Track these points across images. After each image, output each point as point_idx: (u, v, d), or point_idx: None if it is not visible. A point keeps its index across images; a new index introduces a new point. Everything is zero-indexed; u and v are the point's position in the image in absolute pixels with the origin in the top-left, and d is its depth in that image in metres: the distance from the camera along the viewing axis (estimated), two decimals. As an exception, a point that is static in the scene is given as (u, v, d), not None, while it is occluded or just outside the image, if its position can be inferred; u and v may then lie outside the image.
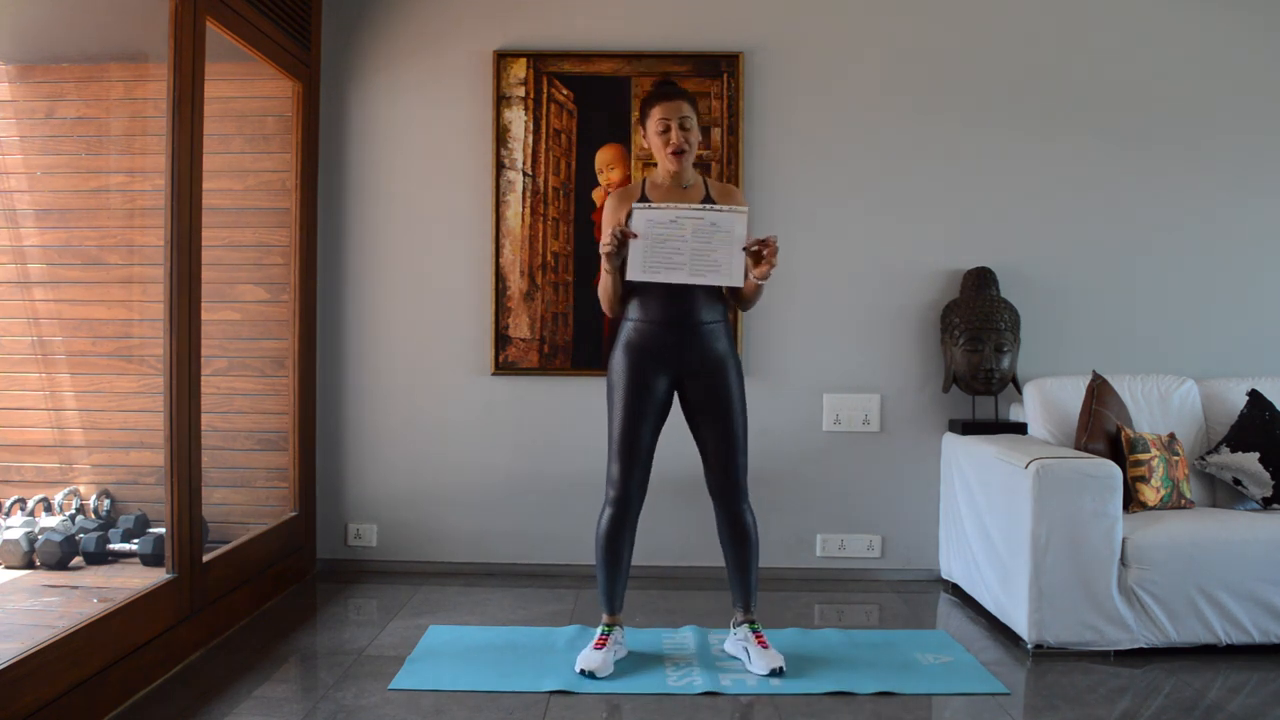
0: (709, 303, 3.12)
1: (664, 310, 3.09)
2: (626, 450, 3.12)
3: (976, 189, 4.26)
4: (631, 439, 3.11)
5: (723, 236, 2.96)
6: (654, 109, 3.10)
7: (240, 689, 3.00)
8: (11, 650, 2.48)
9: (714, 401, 3.13)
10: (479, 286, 4.28)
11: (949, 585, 4.17)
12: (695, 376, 3.13)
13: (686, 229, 2.96)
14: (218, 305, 3.98)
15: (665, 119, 3.07)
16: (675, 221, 2.96)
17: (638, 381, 3.10)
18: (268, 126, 4.17)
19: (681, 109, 3.08)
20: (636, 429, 3.11)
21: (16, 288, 3.93)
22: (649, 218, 2.97)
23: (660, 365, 3.11)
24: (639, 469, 3.14)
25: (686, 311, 3.09)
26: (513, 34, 4.27)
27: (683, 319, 3.09)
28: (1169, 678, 3.18)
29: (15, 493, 3.87)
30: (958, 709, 2.96)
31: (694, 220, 2.96)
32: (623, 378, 3.12)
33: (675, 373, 3.13)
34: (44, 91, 3.94)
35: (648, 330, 3.10)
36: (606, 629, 3.21)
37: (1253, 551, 3.35)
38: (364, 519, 4.32)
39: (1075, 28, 4.26)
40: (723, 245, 2.96)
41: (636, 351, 3.11)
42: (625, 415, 3.11)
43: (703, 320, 3.11)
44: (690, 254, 2.96)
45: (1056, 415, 3.89)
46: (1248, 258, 4.28)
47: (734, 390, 3.15)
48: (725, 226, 2.97)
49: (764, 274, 3.03)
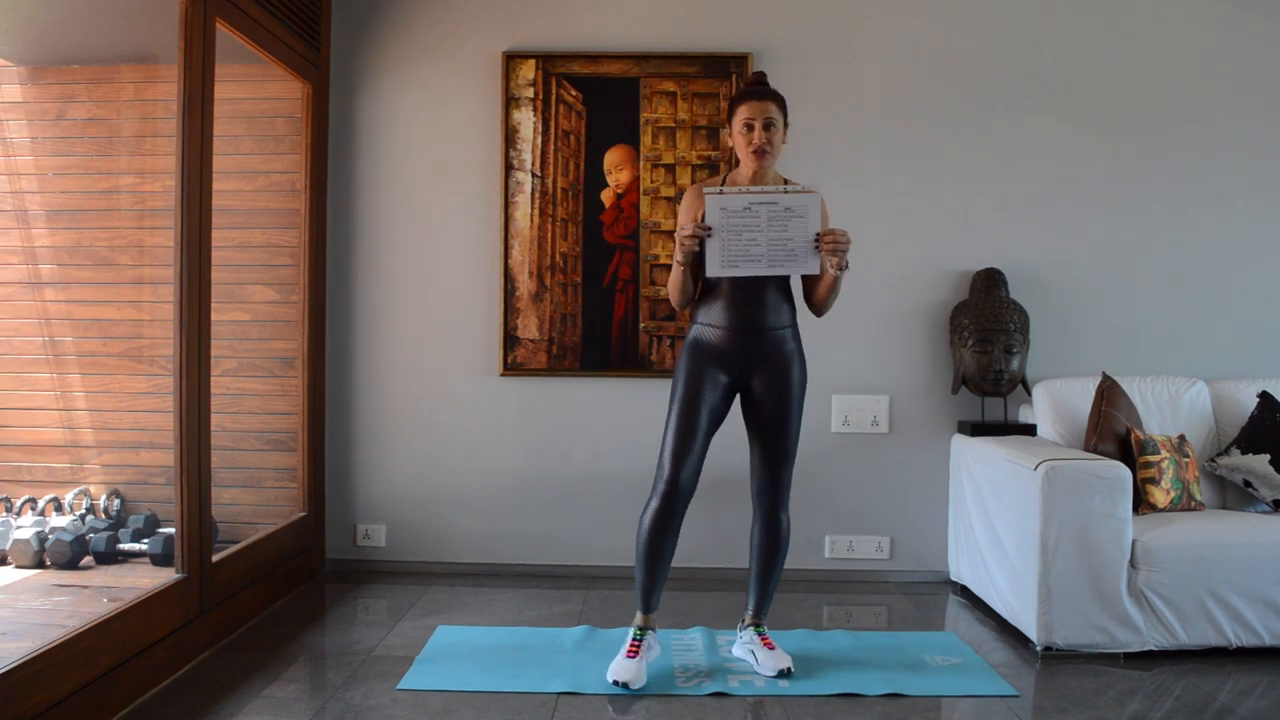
0: (778, 307, 3.10)
1: (733, 316, 3.06)
2: (681, 439, 3.05)
3: (985, 190, 4.25)
4: (688, 429, 3.05)
5: (798, 223, 2.91)
6: (740, 106, 3.04)
7: (249, 689, 3.01)
8: (22, 649, 2.49)
9: (774, 401, 3.10)
10: (488, 287, 4.29)
11: (958, 587, 4.16)
12: (760, 374, 3.10)
13: (761, 216, 2.90)
14: (227, 306, 3.99)
15: (750, 118, 3.01)
16: (750, 209, 2.90)
17: (699, 376, 3.07)
18: (277, 127, 4.18)
19: (768, 109, 3.02)
20: (694, 420, 3.06)
21: (28, 288, 3.95)
22: (722, 205, 2.91)
23: (725, 365, 3.08)
24: (693, 459, 3.07)
25: (756, 316, 3.07)
26: (521, 35, 4.27)
27: (752, 325, 3.07)
28: (1179, 680, 3.17)
29: (26, 492, 3.88)
30: (966, 711, 2.96)
31: (768, 206, 2.90)
32: (685, 371, 3.09)
33: (740, 371, 3.10)
34: (55, 93, 3.96)
35: (715, 335, 3.08)
36: (639, 633, 3.14)
37: (1263, 554, 3.34)
38: (373, 519, 4.33)
39: (1085, 27, 4.25)
40: (799, 232, 2.92)
41: (702, 349, 3.09)
42: (683, 405, 3.06)
43: (771, 325, 3.08)
44: (768, 244, 2.91)
45: (1066, 417, 3.88)
46: (1259, 259, 4.27)
47: (795, 394, 3.12)
48: (800, 211, 2.91)
49: (837, 264, 2.95)
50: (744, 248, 2.91)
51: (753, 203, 2.90)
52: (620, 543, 4.20)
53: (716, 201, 2.91)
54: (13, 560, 3.65)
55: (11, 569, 3.64)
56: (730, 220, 2.90)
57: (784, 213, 2.90)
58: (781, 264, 2.93)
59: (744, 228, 2.90)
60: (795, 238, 2.90)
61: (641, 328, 4.25)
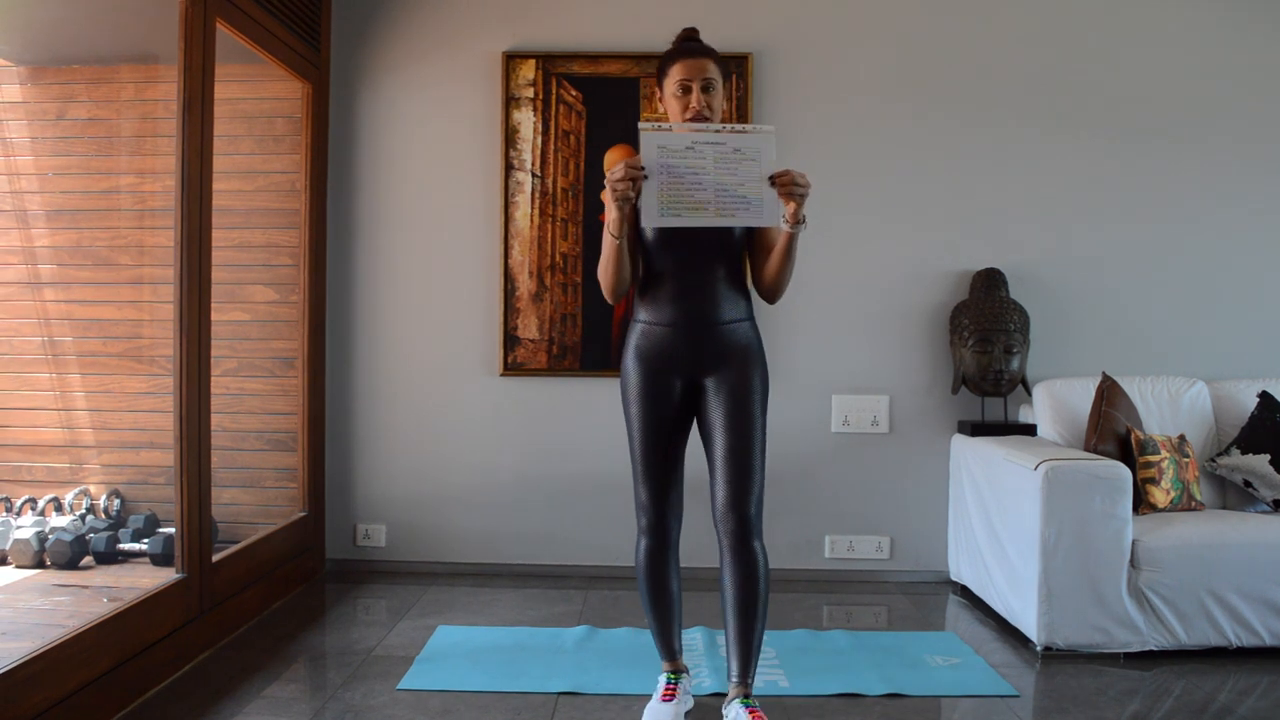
0: (731, 297, 2.71)
1: (677, 310, 2.68)
2: (651, 469, 2.73)
3: (986, 190, 4.25)
4: (655, 456, 2.73)
5: (749, 166, 2.52)
6: (673, 67, 2.68)
7: (249, 688, 3.01)
8: (22, 649, 2.49)
9: (731, 406, 2.67)
10: (488, 287, 4.29)
11: (958, 587, 4.16)
12: (714, 375, 2.70)
13: (707, 158, 2.51)
14: (227, 306, 3.99)
15: (686, 79, 2.65)
16: (693, 148, 2.51)
17: (652, 391, 2.71)
18: (277, 128, 4.18)
19: (706, 69, 2.66)
20: (659, 444, 2.72)
21: (28, 288, 3.95)
22: (660, 142, 2.51)
23: (675, 369, 2.70)
24: (669, 488, 2.76)
25: (703, 309, 2.68)
26: (522, 35, 4.27)
27: (699, 318, 2.68)
28: (1179, 680, 3.17)
29: (26, 492, 3.88)
30: (966, 711, 2.96)
31: (714, 146, 2.51)
32: (635, 389, 2.73)
33: (692, 373, 2.72)
34: (55, 93, 3.96)
35: (659, 334, 2.70)
36: (671, 678, 2.83)
37: (1263, 554, 3.34)
38: (373, 519, 4.33)
39: (1084, 28, 4.25)
40: (751, 176, 2.53)
41: (647, 358, 2.71)
42: (644, 431, 2.72)
43: (723, 319, 2.69)
44: (715, 190, 2.52)
45: (1066, 417, 3.88)
46: (1259, 258, 4.27)
47: (754, 394, 2.70)
48: (752, 152, 2.52)
49: (794, 213, 2.56)
50: (686, 192, 2.51)
51: (696, 141, 2.51)
52: (620, 542, 4.20)
53: (654, 139, 2.51)
54: (13, 560, 3.65)
55: (11, 569, 3.64)
56: (670, 161, 2.51)
57: (733, 154, 2.52)
58: (732, 212, 2.53)
59: (686, 170, 2.50)
60: (746, 183, 2.53)
61: (641, 328, 4.25)
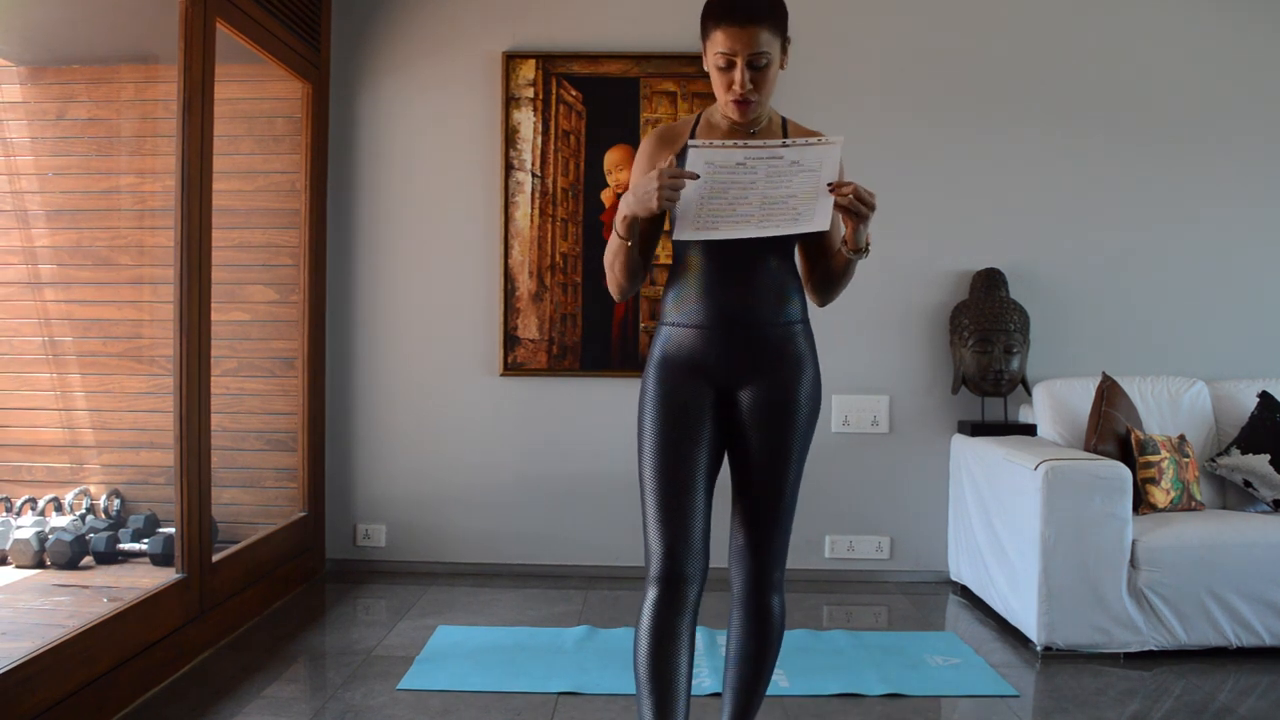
0: (779, 294, 2.19)
1: (711, 308, 2.15)
2: (665, 501, 2.10)
3: (985, 190, 4.25)
4: (675, 485, 2.11)
5: (806, 177, 2.13)
6: (716, 32, 2.08)
7: (249, 688, 3.01)
8: (23, 649, 2.50)
9: (769, 428, 2.16)
10: (488, 287, 4.28)
11: (958, 587, 4.16)
12: (752, 389, 2.17)
13: (759, 172, 2.11)
14: (227, 306, 3.99)
15: (728, 51, 2.07)
16: (745, 164, 2.11)
17: (673, 404, 2.13)
18: (277, 128, 4.18)
19: (755, 40, 2.05)
20: (682, 471, 2.11)
21: (28, 288, 3.95)
22: (708, 159, 2.10)
23: (706, 380, 2.16)
24: (692, 533, 2.11)
25: (744, 308, 2.15)
26: (521, 35, 4.27)
27: (738, 319, 2.15)
28: (1179, 680, 3.17)
29: (26, 492, 3.88)
30: (966, 711, 2.96)
31: (769, 162, 2.11)
32: (652, 402, 2.15)
33: (724, 387, 2.17)
34: (55, 93, 3.96)
35: (689, 339, 2.15)
36: None
37: (1263, 554, 3.34)
38: (373, 519, 4.33)
39: (1084, 28, 4.25)
40: (806, 186, 2.13)
41: (672, 367, 2.16)
42: (658, 452, 2.12)
43: (768, 320, 2.17)
44: (761, 201, 2.12)
45: (1066, 417, 3.88)
46: (1259, 259, 4.27)
47: (800, 419, 2.20)
48: (811, 163, 2.12)
49: (853, 233, 2.15)
50: (728, 205, 2.12)
51: (750, 157, 2.11)
52: (620, 542, 4.20)
53: (701, 155, 2.10)
54: (13, 560, 3.65)
55: (11, 569, 3.64)
56: (717, 177, 2.12)
57: (789, 168, 2.12)
58: (777, 222, 2.13)
59: (732, 184, 2.12)
60: (799, 193, 2.13)
61: (642, 328, 4.25)
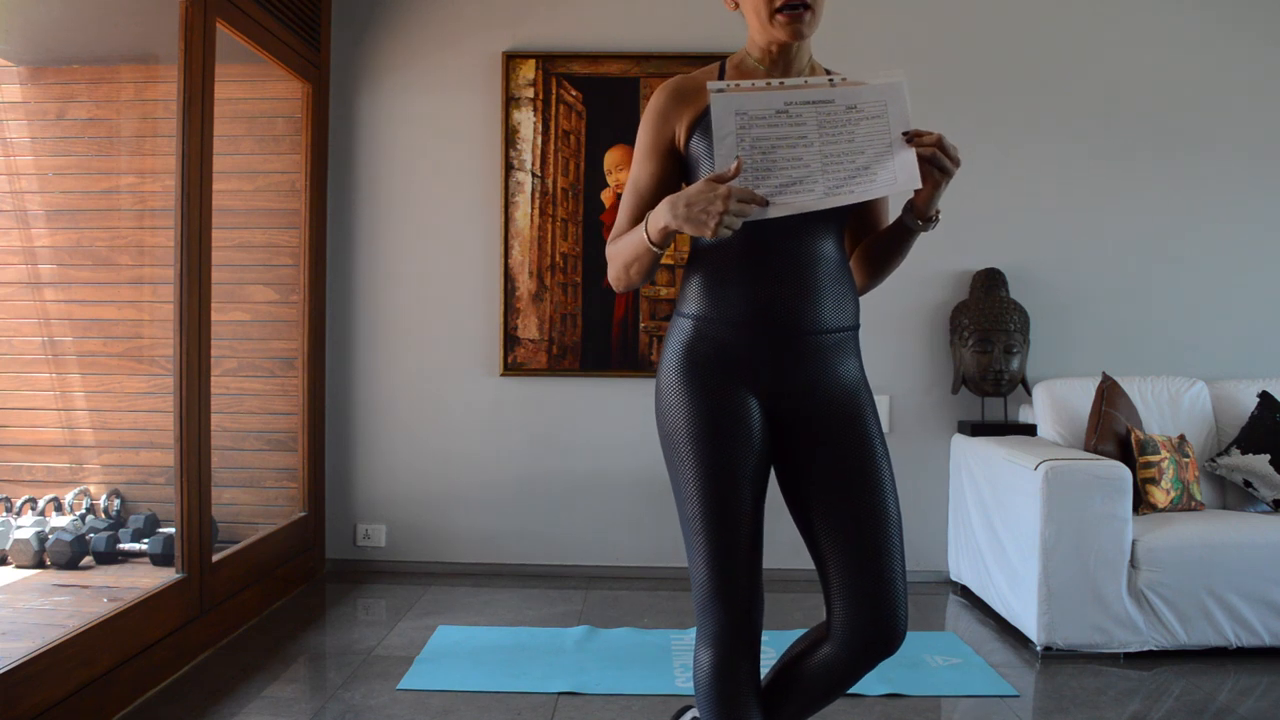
0: (839, 291, 1.81)
1: (753, 303, 1.77)
2: (724, 546, 1.74)
3: (985, 190, 4.25)
4: (724, 524, 1.74)
5: (872, 125, 1.71)
6: None
7: (249, 689, 3.01)
8: (22, 649, 2.50)
9: (850, 466, 1.79)
10: (488, 287, 4.28)
11: (958, 587, 4.16)
12: (802, 406, 1.81)
13: (808, 123, 1.69)
14: (228, 306, 3.99)
15: None
16: (787, 111, 1.69)
17: (716, 420, 1.77)
18: (277, 128, 4.18)
19: None
20: (730, 506, 1.75)
21: (28, 288, 3.95)
22: (739, 108, 1.68)
23: (748, 386, 1.79)
24: (755, 577, 1.77)
25: (797, 308, 1.77)
26: (522, 35, 4.27)
27: (788, 321, 1.77)
28: (1179, 680, 3.17)
29: (26, 492, 3.88)
30: (966, 711, 2.96)
31: (817, 106, 1.70)
32: (687, 420, 1.78)
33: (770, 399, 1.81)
34: (55, 93, 3.96)
35: (723, 338, 1.78)
36: None
37: (1263, 554, 3.34)
38: (373, 519, 4.33)
39: (1085, 28, 4.25)
40: (873, 137, 1.71)
41: (705, 373, 1.79)
42: (710, 485, 1.75)
43: (825, 325, 1.79)
44: (822, 160, 1.69)
45: (1066, 417, 3.88)
46: (1259, 258, 4.27)
47: (877, 440, 1.83)
48: (872, 108, 1.72)
49: (927, 202, 1.75)
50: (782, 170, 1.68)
51: (792, 102, 1.70)
52: (620, 542, 4.20)
53: (729, 102, 1.68)
54: (13, 560, 3.65)
55: (11, 569, 3.64)
56: (755, 133, 1.68)
57: (845, 113, 1.71)
58: (851, 188, 1.69)
59: (778, 141, 1.68)
60: (868, 149, 1.70)
61: (642, 327, 4.25)
